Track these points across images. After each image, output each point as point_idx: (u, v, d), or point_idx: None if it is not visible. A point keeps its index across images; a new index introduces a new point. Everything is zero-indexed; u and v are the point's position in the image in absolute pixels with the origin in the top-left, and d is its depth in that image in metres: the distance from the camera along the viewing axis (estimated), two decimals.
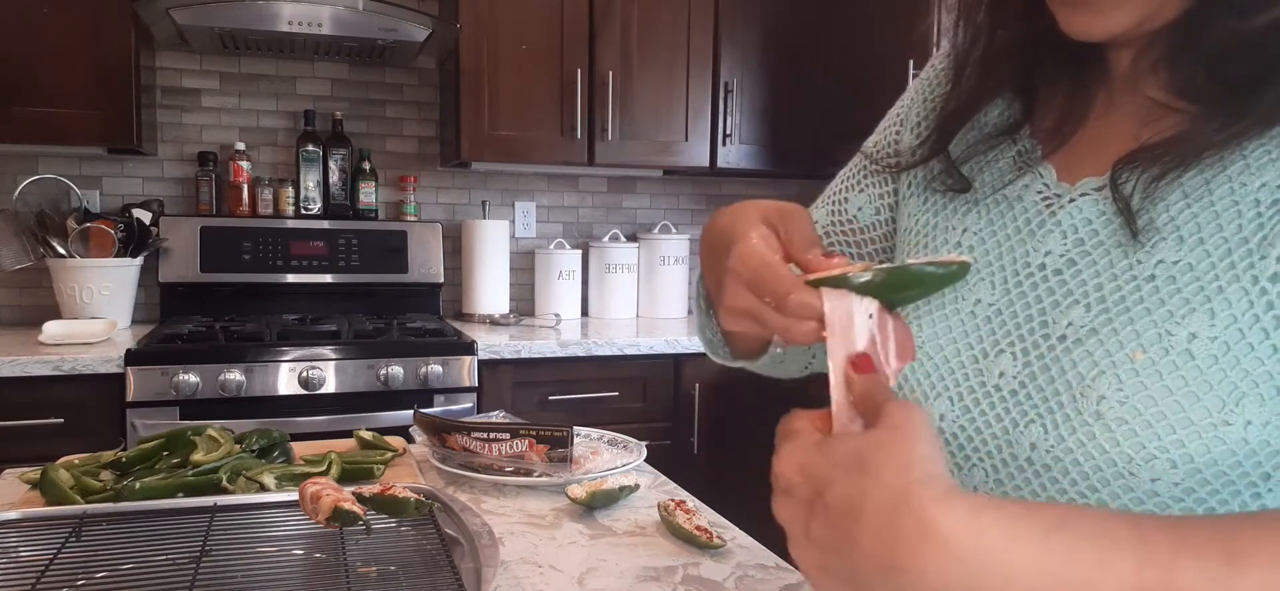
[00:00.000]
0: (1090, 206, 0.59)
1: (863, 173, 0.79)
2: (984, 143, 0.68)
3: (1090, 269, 0.58)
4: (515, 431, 1.19)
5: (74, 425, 2.03)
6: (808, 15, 2.86)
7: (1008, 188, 0.65)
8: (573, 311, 2.92)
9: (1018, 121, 0.67)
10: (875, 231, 0.78)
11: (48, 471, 1.02)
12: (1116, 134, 0.61)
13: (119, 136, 2.34)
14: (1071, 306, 0.58)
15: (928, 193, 0.71)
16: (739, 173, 2.99)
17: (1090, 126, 0.63)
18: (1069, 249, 0.59)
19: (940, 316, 0.65)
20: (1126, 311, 0.55)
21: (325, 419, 2.16)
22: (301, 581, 0.82)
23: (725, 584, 0.88)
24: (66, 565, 0.80)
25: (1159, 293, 0.54)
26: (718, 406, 2.57)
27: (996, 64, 0.67)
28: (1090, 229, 0.59)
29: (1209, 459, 0.51)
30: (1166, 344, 0.52)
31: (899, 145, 0.76)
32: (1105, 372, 0.54)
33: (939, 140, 0.69)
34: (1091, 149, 0.62)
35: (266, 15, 2.28)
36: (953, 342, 0.64)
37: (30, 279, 2.56)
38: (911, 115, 0.76)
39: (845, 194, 0.80)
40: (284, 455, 1.21)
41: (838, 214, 0.80)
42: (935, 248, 0.69)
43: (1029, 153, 0.66)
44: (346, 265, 2.72)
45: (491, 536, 0.85)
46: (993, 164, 0.67)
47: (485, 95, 2.59)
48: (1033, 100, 0.67)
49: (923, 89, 0.76)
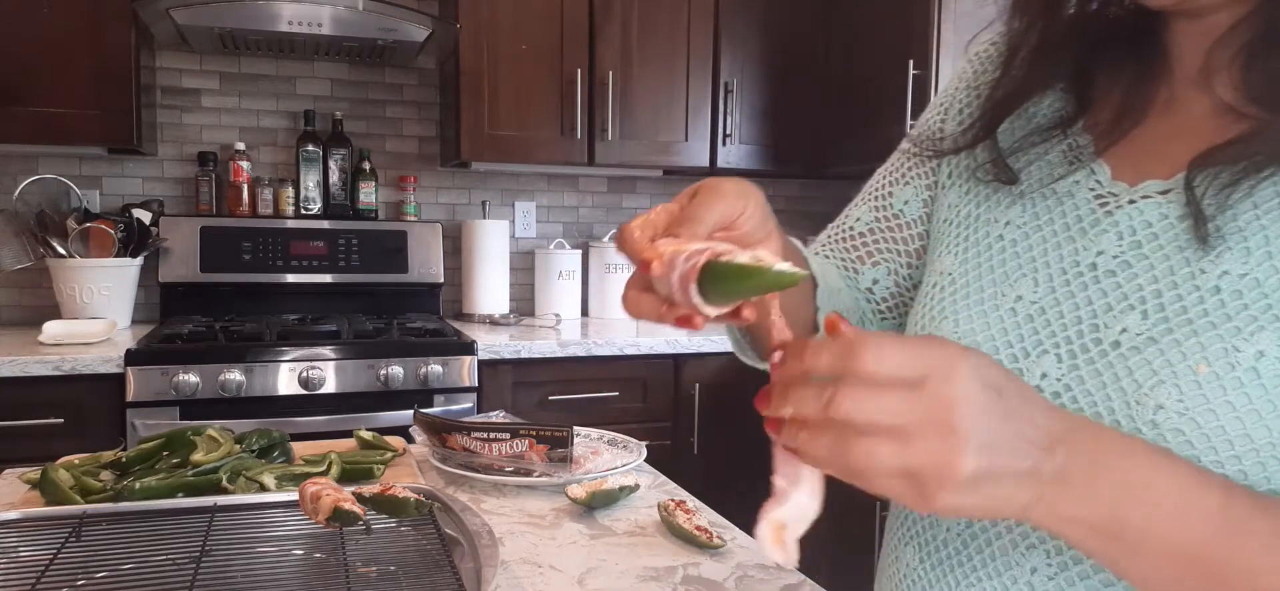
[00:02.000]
0: (1152, 209, 0.57)
1: (906, 163, 0.77)
2: (1033, 135, 0.65)
3: (1147, 273, 0.56)
4: (515, 431, 1.19)
5: (74, 425, 2.03)
6: (808, 15, 2.86)
7: (1057, 183, 0.63)
8: (573, 311, 2.92)
9: (1070, 115, 0.64)
10: (921, 226, 0.75)
11: (48, 471, 1.02)
12: (1179, 135, 0.58)
13: (119, 136, 2.33)
14: (1126, 311, 0.56)
15: (971, 182, 0.69)
16: (739, 173, 2.98)
17: (1148, 125, 0.60)
18: (1124, 250, 0.57)
19: (979, 312, 0.63)
20: (1189, 322, 0.53)
21: (325, 419, 2.16)
22: (301, 581, 0.82)
23: (725, 584, 0.88)
24: (66, 565, 0.80)
25: (1224, 306, 0.52)
26: (718, 406, 2.57)
27: (1051, 52, 0.64)
28: (1150, 232, 0.56)
29: (1263, 476, 0.50)
30: (1233, 359, 0.51)
31: (943, 129, 0.73)
32: (1166, 382, 0.52)
33: (985, 126, 0.67)
34: (1152, 149, 0.59)
35: (266, 15, 2.28)
36: (990, 340, 0.61)
37: (30, 279, 2.56)
38: (957, 99, 0.73)
39: (888, 188, 0.77)
40: (284, 455, 1.21)
41: (881, 209, 0.77)
42: (974, 240, 0.66)
43: (1081, 148, 0.63)
44: (346, 265, 2.72)
45: (491, 536, 0.85)
46: (1041, 157, 0.65)
47: (485, 95, 2.59)
48: (1087, 93, 0.64)
49: (970, 73, 0.73)
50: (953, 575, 0.63)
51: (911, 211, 0.75)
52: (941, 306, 0.66)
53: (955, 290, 0.66)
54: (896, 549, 0.70)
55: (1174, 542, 0.46)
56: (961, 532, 0.63)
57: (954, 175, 0.71)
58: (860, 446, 0.43)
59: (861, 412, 0.43)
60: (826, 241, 0.82)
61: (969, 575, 0.62)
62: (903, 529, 0.70)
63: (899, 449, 0.43)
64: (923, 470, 0.43)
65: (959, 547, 0.63)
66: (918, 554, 0.67)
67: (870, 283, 0.78)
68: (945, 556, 0.64)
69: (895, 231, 0.76)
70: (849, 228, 0.80)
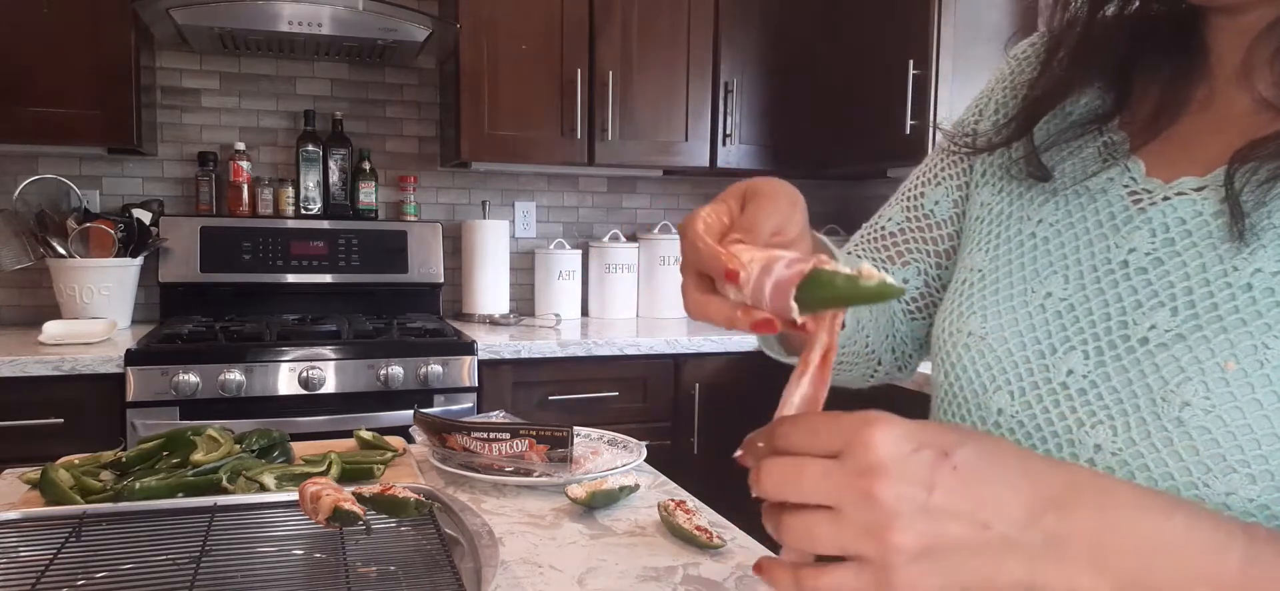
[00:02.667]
0: (1186, 206, 0.56)
1: (940, 163, 0.76)
2: (1068, 131, 0.65)
3: (1180, 271, 0.55)
4: (515, 431, 1.19)
5: (74, 425, 2.03)
6: (808, 15, 2.86)
7: (1091, 180, 0.62)
8: (573, 311, 2.92)
9: (1107, 112, 0.64)
10: (952, 226, 0.75)
11: (48, 471, 1.02)
12: (1216, 132, 0.58)
13: (119, 136, 2.34)
14: (1156, 308, 0.55)
15: (1004, 179, 0.69)
16: (739, 173, 2.98)
17: (1185, 123, 0.60)
18: (1157, 247, 0.57)
19: (1006, 307, 0.63)
20: (1219, 318, 0.52)
21: (325, 419, 2.16)
22: (301, 581, 0.82)
23: (725, 584, 0.88)
24: (66, 565, 0.80)
25: (1256, 303, 0.51)
26: (718, 406, 2.57)
27: (1092, 49, 0.64)
28: (1183, 229, 0.56)
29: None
30: (1262, 357, 0.50)
31: (978, 127, 0.73)
32: (1192, 379, 0.52)
33: (1023, 123, 0.67)
34: (1187, 146, 0.59)
35: (266, 15, 2.28)
36: (1017, 336, 0.61)
37: (30, 279, 2.56)
38: (994, 97, 0.73)
39: (921, 188, 0.77)
40: (284, 455, 1.21)
41: (913, 210, 0.77)
42: (1006, 237, 0.66)
43: (1116, 145, 0.63)
44: (346, 265, 2.72)
45: (491, 536, 0.85)
46: (1075, 154, 0.64)
47: (485, 95, 2.59)
48: (1125, 91, 0.64)
49: (1008, 73, 0.73)
50: None
51: (942, 211, 0.75)
52: (970, 301, 0.66)
53: (985, 286, 0.65)
54: None
55: None
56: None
57: (987, 173, 0.71)
58: (798, 523, 0.42)
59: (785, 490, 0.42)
60: (860, 241, 0.82)
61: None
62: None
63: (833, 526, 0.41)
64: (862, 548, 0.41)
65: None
66: None
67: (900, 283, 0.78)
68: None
69: (925, 231, 0.76)
70: (881, 228, 0.80)
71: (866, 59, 2.66)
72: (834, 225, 3.23)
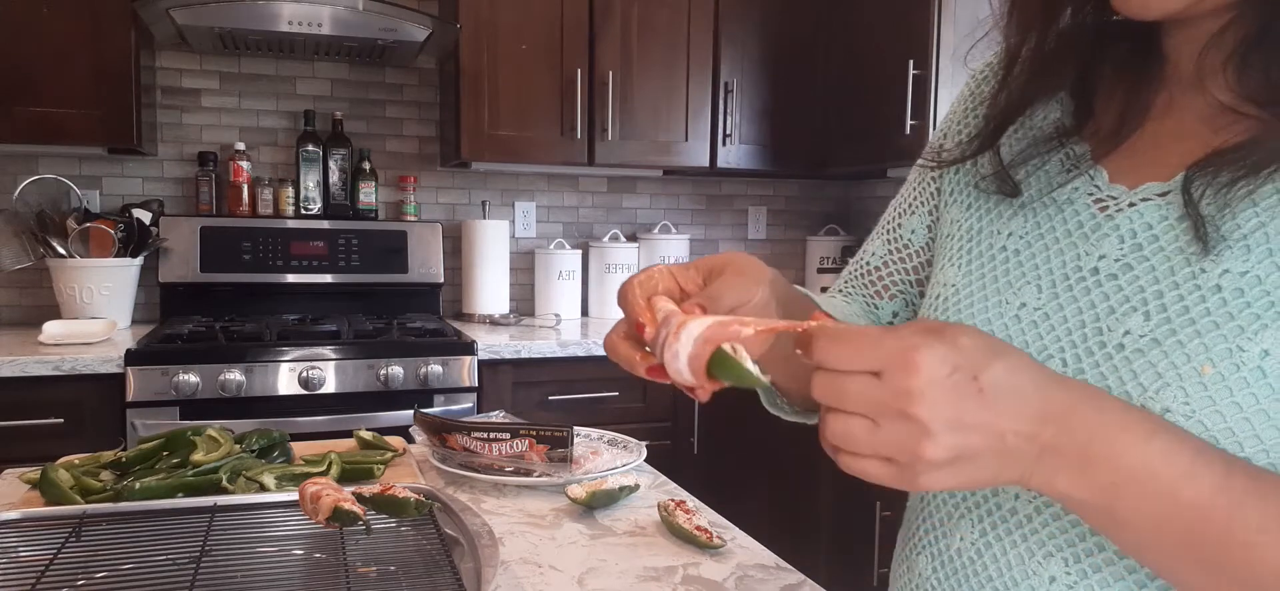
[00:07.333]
0: (1152, 211, 0.57)
1: (912, 190, 0.77)
2: (1033, 146, 0.65)
3: (1149, 275, 0.56)
4: (515, 431, 1.19)
5: (74, 425, 2.03)
6: (808, 15, 2.86)
7: (1057, 191, 0.63)
8: (573, 311, 2.92)
9: (1070, 123, 0.65)
10: (927, 252, 0.76)
11: (48, 471, 1.02)
12: (1177, 138, 0.58)
13: (119, 136, 2.34)
14: (1128, 313, 0.56)
15: (973, 197, 0.69)
16: (739, 172, 2.99)
17: (1148, 129, 0.61)
18: (1125, 254, 0.57)
19: (982, 319, 0.63)
20: (1192, 322, 0.53)
21: (325, 419, 2.16)
22: (301, 581, 0.82)
23: (725, 584, 0.88)
24: (66, 565, 0.80)
25: (1227, 305, 0.52)
26: (718, 406, 2.55)
27: (1050, 61, 0.64)
28: (1150, 234, 0.57)
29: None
30: (1238, 359, 0.50)
31: (944, 145, 0.74)
32: (1171, 385, 0.52)
33: (987, 138, 0.67)
34: (1149, 152, 0.60)
35: (266, 15, 2.28)
36: None
37: (30, 279, 2.56)
38: (957, 113, 0.74)
39: (899, 219, 0.78)
40: (284, 455, 1.21)
41: (892, 241, 0.78)
42: (977, 251, 0.67)
43: (1079, 155, 0.63)
44: (346, 265, 2.72)
45: (491, 536, 0.85)
46: (1040, 167, 0.65)
47: (485, 95, 2.59)
48: (1087, 101, 0.64)
49: (968, 92, 0.74)
50: (967, 585, 0.63)
51: (918, 239, 0.76)
52: (945, 315, 0.66)
53: (959, 299, 0.66)
54: (909, 557, 0.70)
55: (1165, 522, 0.47)
56: (976, 541, 0.63)
57: (955, 191, 0.71)
58: (837, 423, 0.47)
59: (831, 398, 0.47)
60: (849, 278, 0.84)
61: (984, 585, 0.62)
62: (915, 538, 0.70)
63: (869, 435, 0.46)
64: (895, 454, 0.46)
65: (973, 557, 0.63)
66: (931, 563, 0.67)
67: (890, 316, 0.80)
68: (959, 566, 0.64)
69: (905, 261, 0.77)
70: (865, 264, 0.82)
71: (866, 59, 2.66)
72: (834, 225, 3.24)
